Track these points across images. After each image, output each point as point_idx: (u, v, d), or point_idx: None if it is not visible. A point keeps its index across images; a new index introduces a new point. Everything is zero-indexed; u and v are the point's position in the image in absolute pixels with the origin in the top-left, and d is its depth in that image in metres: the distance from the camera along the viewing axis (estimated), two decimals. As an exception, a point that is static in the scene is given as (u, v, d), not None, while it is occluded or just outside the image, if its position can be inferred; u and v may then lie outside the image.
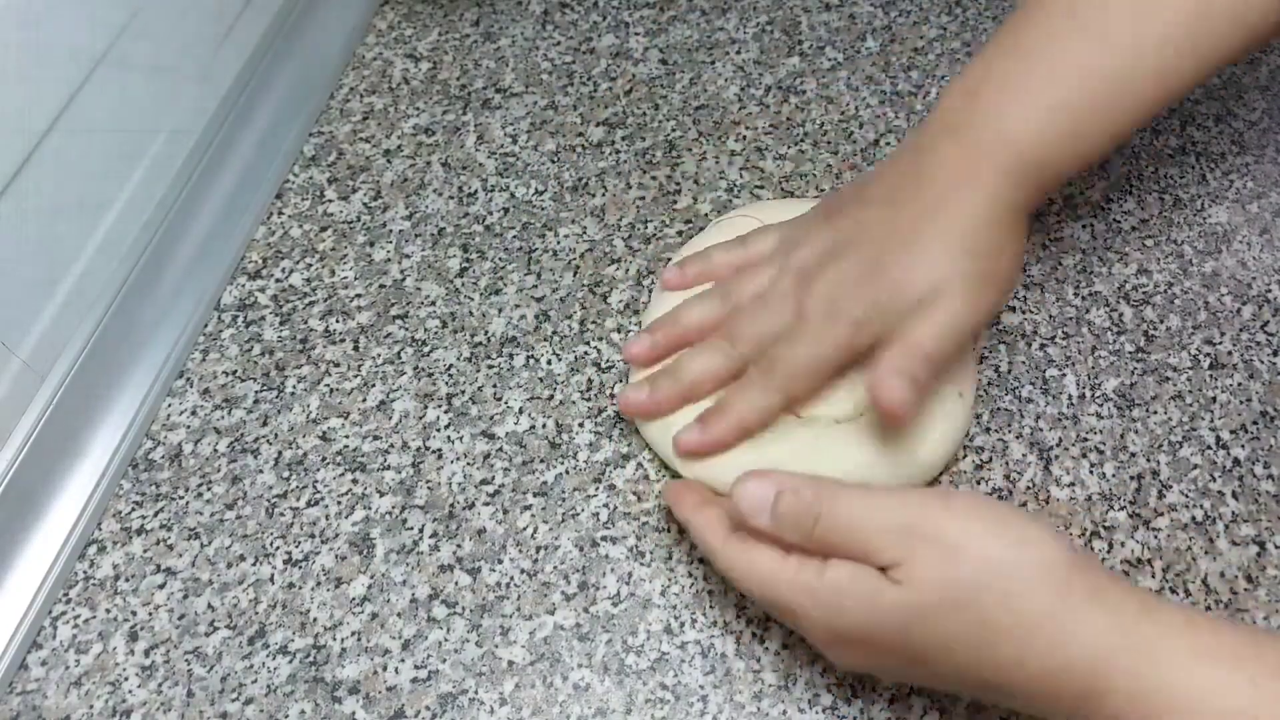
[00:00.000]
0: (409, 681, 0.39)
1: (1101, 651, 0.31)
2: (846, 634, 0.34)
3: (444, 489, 0.44)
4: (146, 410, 0.45)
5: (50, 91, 0.41)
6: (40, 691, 0.39)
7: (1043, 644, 0.31)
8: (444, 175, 0.54)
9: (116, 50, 0.44)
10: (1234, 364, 0.46)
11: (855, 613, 0.33)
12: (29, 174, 0.40)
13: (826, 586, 0.33)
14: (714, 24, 0.61)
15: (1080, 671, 0.31)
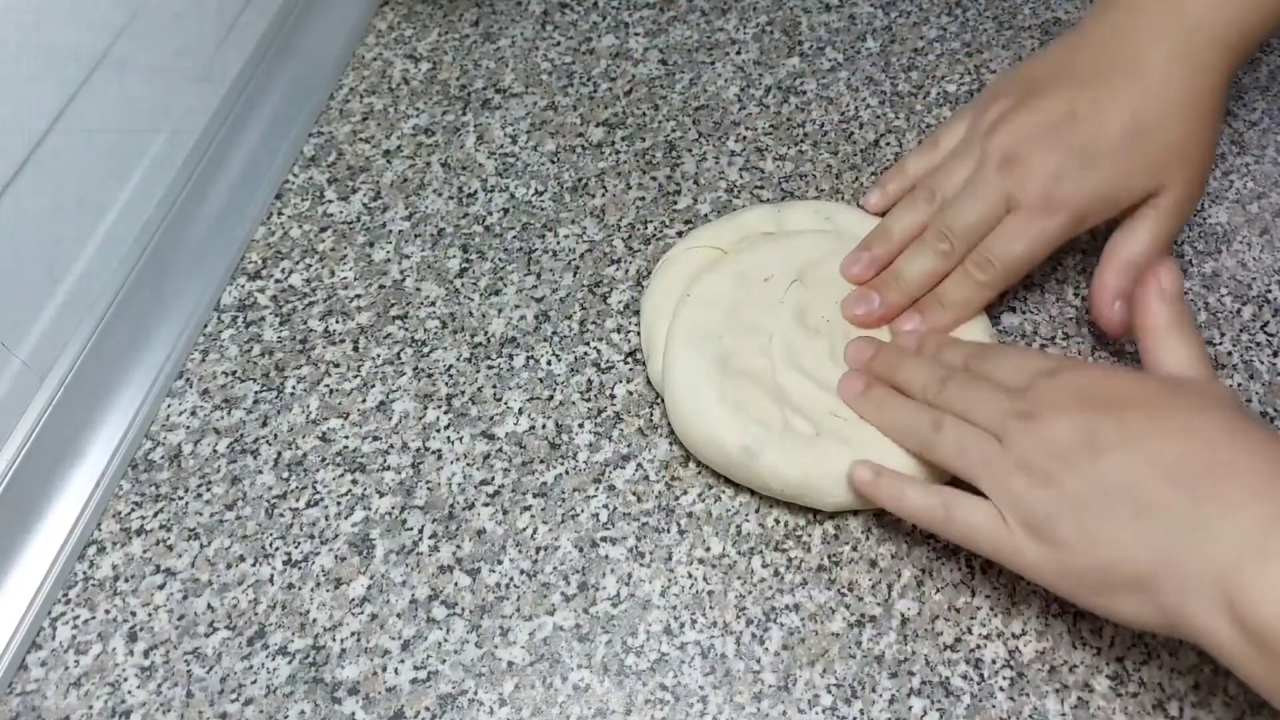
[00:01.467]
0: (409, 682, 0.39)
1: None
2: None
3: (444, 489, 0.44)
4: (146, 411, 0.45)
5: (50, 92, 0.41)
6: (40, 692, 0.39)
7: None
8: (444, 175, 0.54)
9: (116, 51, 0.44)
10: (1234, 364, 0.46)
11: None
12: (29, 174, 0.40)
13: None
14: (714, 24, 0.61)
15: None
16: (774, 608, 0.40)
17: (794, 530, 0.42)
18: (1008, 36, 0.60)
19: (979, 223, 0.42)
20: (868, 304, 0.44)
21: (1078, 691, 0.38)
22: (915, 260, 0.44)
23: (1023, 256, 0.42)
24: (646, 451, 0.44)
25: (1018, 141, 0.42)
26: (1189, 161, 0.41)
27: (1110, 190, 0.41)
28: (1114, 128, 0.40)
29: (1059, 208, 0.41)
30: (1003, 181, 0.42)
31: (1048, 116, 0.41)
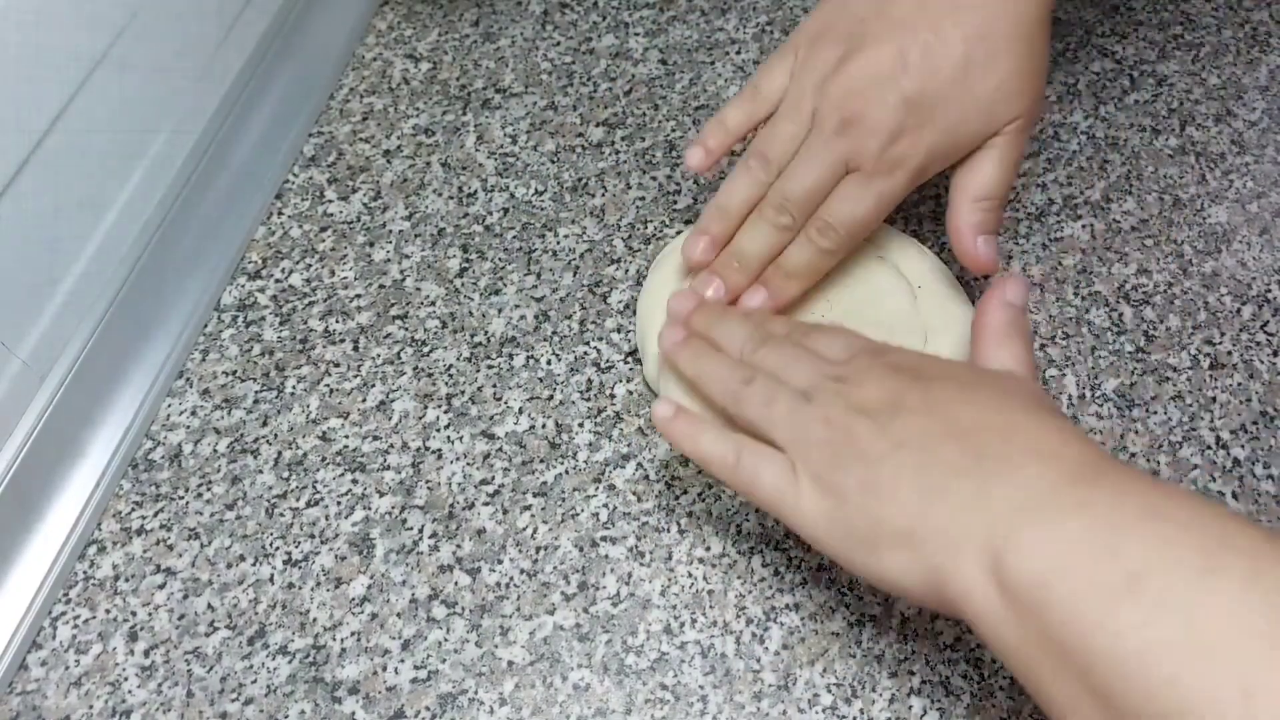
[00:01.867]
0: (409, 681, 0.39)
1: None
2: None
3: (444, 489, 0.44)
4: (146, 410, 0.45)
5: (50, 91, 0.41)
6: (40, 691, 0.39)
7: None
8: (444, 175, 0.54)
9: (116, 51, 0.44)
10: (1234, 364, 0.46)
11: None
12: (29, 174, 0.40)
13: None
14: (714, 24, 0.61)
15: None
16: (774, 607, 0.40)
17: (794, 530, 0.42)
18: (1008, 36, 0.60)
19: (817, 189, 0.41)
20: (714, 289, 0.42)
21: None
22: (754, 236, 0.42)
23: (865, 219, 0.41)
24: (646, 451, 0.44)
25: (851, 98, 0.40)
26: (1025, 92, 0.40)
27: (949, 140, 0.40)
28: (946, 73, 0.39)
29: (899, 166, 0.40)
30: (839, 144, 0.40)
31: (878, 68, 0.39)
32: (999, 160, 0.40)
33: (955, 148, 0.40)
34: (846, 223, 0.41)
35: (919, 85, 0.39)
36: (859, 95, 0.40)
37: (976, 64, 0.39)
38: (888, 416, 0.33)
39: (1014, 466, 0.31)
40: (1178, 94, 0.56)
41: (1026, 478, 0.30)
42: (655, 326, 0.45)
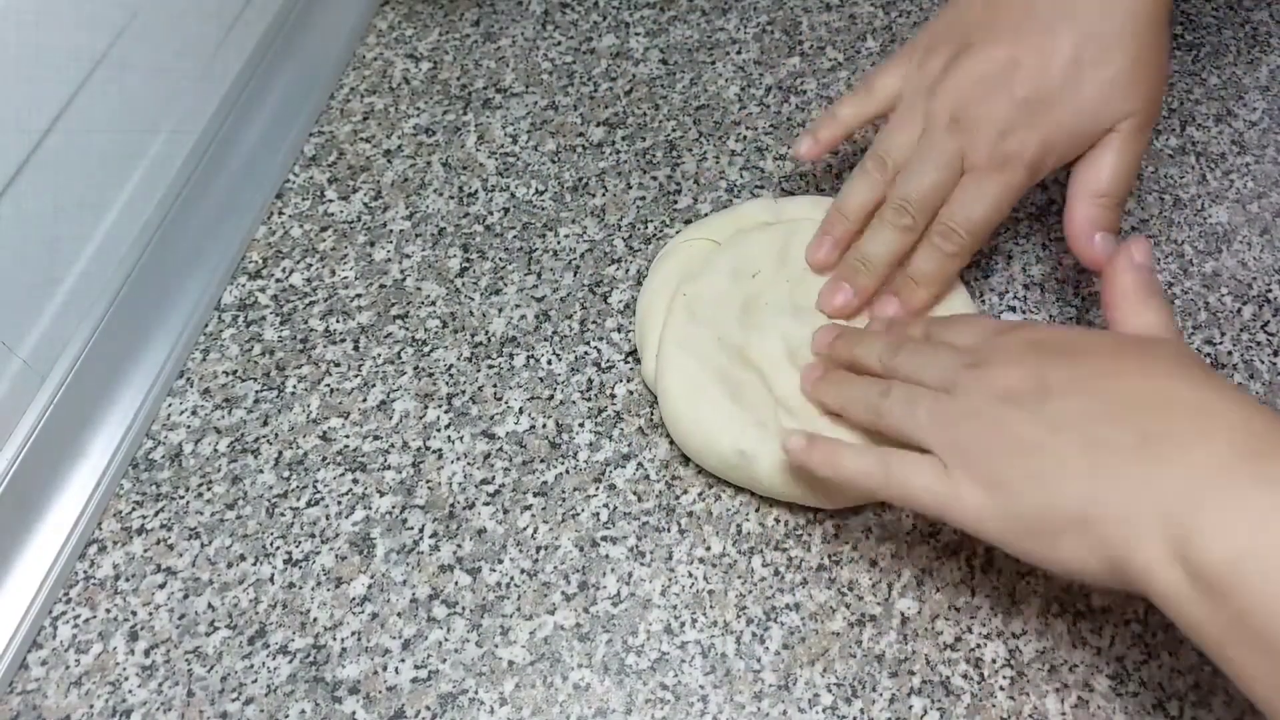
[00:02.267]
0: (409, 681, 0.39)
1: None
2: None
3: (444, 489, 0.44)
4: (146, 410, 0.45)
5: (50, 91, 0.41)
6: (40, 691, 0.39)
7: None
8: (444, 175, 0.54)
9: (116, 51, 0.44)
10: (1234, 364, 0.46)
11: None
12: (29, 174, 0.40)
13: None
14: (714, 24, 0.61)
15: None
16: (774, 607, 0.40)
17: (794, 529, 0.42)
18: (1008, 36, 0.60)
19: (935, 189, 0.41)
20: (843, 294, 0.43)
21: (1078, 691, 0.38)
22: (878, 239, 0.43)
23: (986, 218, 0.41)
24: (647, 451, 0.44)
25: (963, 98, 0.41)
26: (1139, 89, 0.40)
27: (1063, 135, 0.40)
28: (1056, 72, 0.39)
29: (1013, 163, 0.40)
30: (953, 142, 0.41)
31: (990, 67, 0.40)
32: (1116, 156, 0.40)
33: (1070, 144, 0.41)
34: (966, 224, 0.41)
35: (1030, 84, 0.40)
36: (968, 93, 0.40)
37: (1087, 62, 0.39)
38: (1037, 401, 0.33)
39: (1183, 445, 0.30)
40: (1178, 94, 0.56)
41: (1198, 456, 0.30)
42: (655, 325, 0.45)
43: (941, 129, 0.41)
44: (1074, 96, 0.40)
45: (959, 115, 0.41)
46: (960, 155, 0.41)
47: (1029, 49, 0.40)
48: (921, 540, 0.42)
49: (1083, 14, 0.40)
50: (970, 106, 0.40)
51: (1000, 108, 0.40)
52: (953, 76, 0.41)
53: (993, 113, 0.40)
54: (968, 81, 0.41)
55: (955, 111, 0.41)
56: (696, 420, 0.42)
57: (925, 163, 0.41)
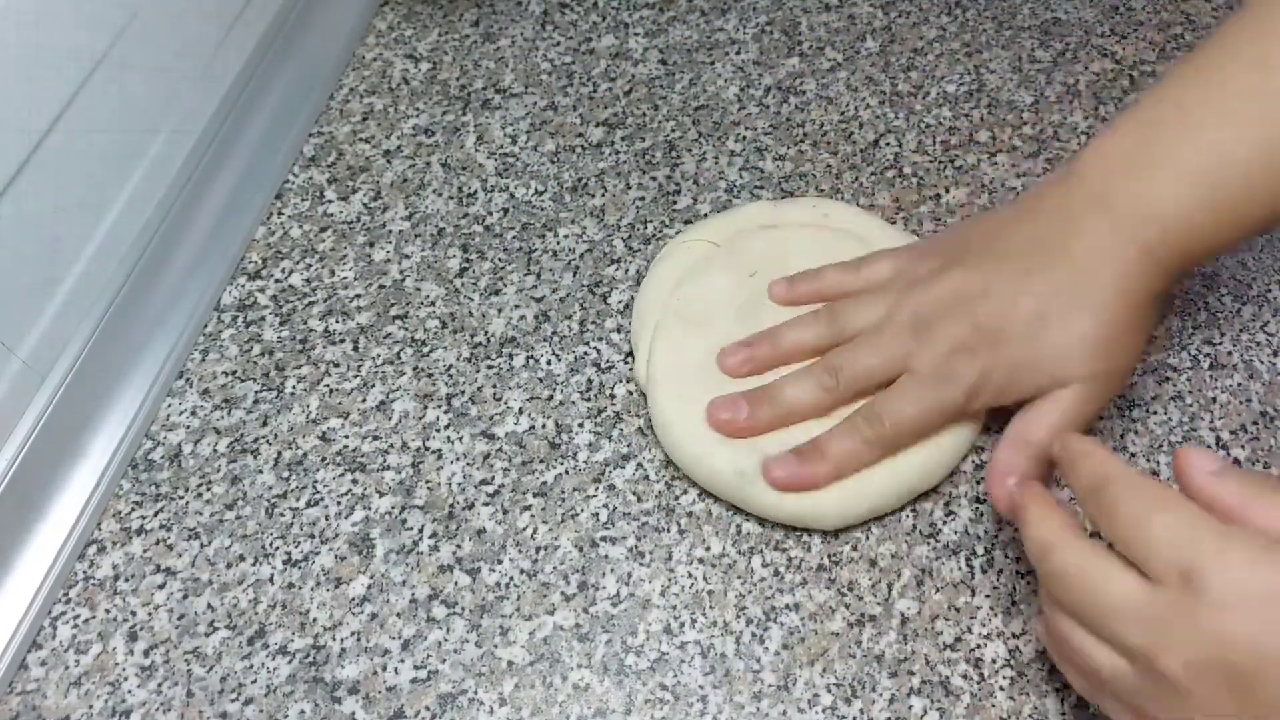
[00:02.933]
0: (409, 681, 0.39)
1: None
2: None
3: (444, 489, 0.44)
4: (146, 410, 0.45)
5: (50, 91, 0.41)
6: (40, 691, 0.39)
7: None
8: (444, 175, 0.54)
9: (116, 51, 0.44)
10: (1234, 364, 0.46)
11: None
12: (29, 174, 0.40)
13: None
14: (714, 24, 0.61)
15: None
16: (774, 607, 0.40)
17: (794, 530, 0.42)
18: (1007, 36, 0.60)
19: (869, 374, 0.41)
20: (734, 411, 0.42)
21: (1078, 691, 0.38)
22: (797, 387, 0.42)
23: (913, 420, 0.40)
24: (646, 451, 0.44)
25: (929, 304, 0.41)
26: (1096, 360, 0.39)
27: (1007, 376, 0.40)
28: (1022, 312, 0.39)
29: (953, 382, 0.40)
30: (905, 340, 0.41)
31: (964, 289, 0.41)
32: (1057, 412, 0.40)
33: (1012, 385, 0.40)
34: (894, 417, 0.40)
35: (994, 316, 0.40)
36: (937, 304, 0.41)
37: (1052, 316, 0.39)
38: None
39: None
40: (1178, 94, 0.56)
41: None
42: (648, 328, 0.45)
43: (899, 325, 0.41)
44: (1028, 343, 0.39)
45: (920, 320, 0.41)
46: (905, 359, 0.41)
47: (1003, 283, 0.40)
48: (921, 540, 0.42)
49: (1062, 268, 0.39)
50: (932, 317, 0.41)
51: (959, 328, 0.40)
52: (928, 285, 0.42)
53: (950, 330, 0.40)
54: (940, 293, 0.41)
55: (918, 315, 0.41)
56: (690, 441, 0.42)
57: (872, 347, 0.42)
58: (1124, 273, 0.39)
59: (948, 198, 0.52)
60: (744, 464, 0.41)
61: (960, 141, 0.55)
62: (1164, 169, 0.38)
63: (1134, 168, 0.39)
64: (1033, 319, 0.39)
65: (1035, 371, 0.40)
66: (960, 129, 0.55)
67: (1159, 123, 0.39)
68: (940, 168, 0.54)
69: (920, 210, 0.52)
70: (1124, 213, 0.39)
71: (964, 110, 0.56)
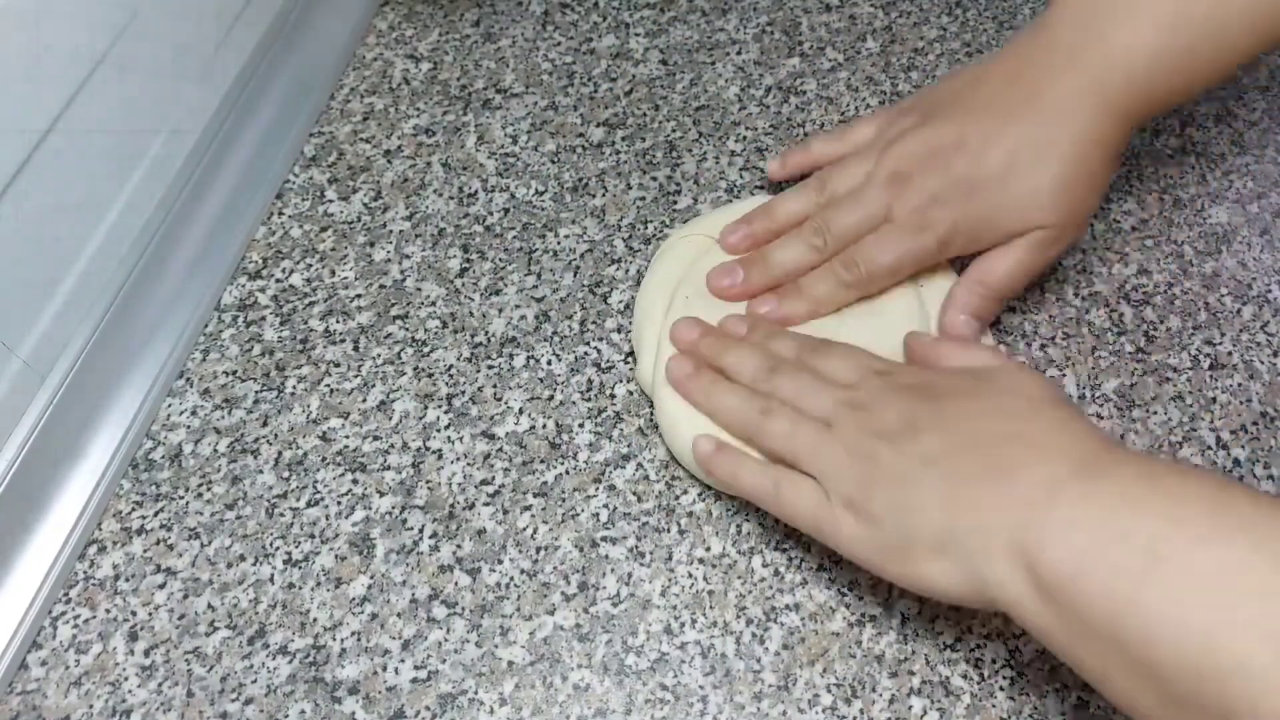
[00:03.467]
0: (409, 681, 0.39)
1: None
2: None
3: (444, 489, 0.44)
4: (146, 410, 0.45)
5: (50, 91, 0.41)
6: (40, 691, 0.39)
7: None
8: (444, 175, 0.54)
9: (116, 51, 0.44)
10: (1234, 364, 0.46)
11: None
12: (29, 174, 0.40)
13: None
14: (714, 25, 0.61)
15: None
16: (774, 607, 0.40)
17: (794, 530, 0.42)
18: (1007, 36, 0.60)
19: (855, 227, 0.44)
20: (731, 277, 0.45)
21: (1078, 691, 0.38)
22: (787, 248, 0.45)
23: (887, 266, 0.44)
24: (647, 451, 0.44)
25: (907, 160, 0.43)
26: (1059, 206, 0.42)
27: (977, 223, 0.42)
28: (993, 162, 0.42)
29: (927, 228, 0.43)
30: (885, 194, 0.43)
31: (939, 141, 0.43)
32: (1013, 260, 0.43)
33: (981, 232, 0.43)
34: (868, 263, 0.43)
35: (966, 167, 0.42)
36: (913, 158, 0.43)
37: (1020, 165, 0.41)
38: (906, 438, 0.36)
39: (1026, 467, 0.33)
40: (1178, 94, 0.56)
41: (1038, 476, 0.32)
42: (653, 326, 0.45)
43: (880, 181, 0.44)
44: (998, 191, 0.42)
45: (898, 174, 0.43)
46: (886, 209, 0.43)
47: (976, 135, 0.42)
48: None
49: (1031, 119, 0.41)
50: (910, 170, 0.43)
51: (934, 179, 0.43)
52: (906, 139, 0.44)
53: (926, 182, 0.43)
54: (916, 148, 0.43)
55: (897, 170, 0.43)
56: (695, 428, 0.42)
57: (855, 203, 0.44)
58: (1087, 123, 0.41)
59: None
60: None
61: (960, 141, 0.55)
62: (1129, 19, 0.40)
63: (1098, 19, 0.41)
64: (1002, 170, 0.42)
65: (1003, 218, 0.42)
66: (960, 129, 0.55)
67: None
68: (940, 168, 0.54)
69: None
70: (1090, 63, 0.41)
71: (964, 110, 0.56)
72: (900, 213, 0.43)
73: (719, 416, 0.41)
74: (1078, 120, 0.41)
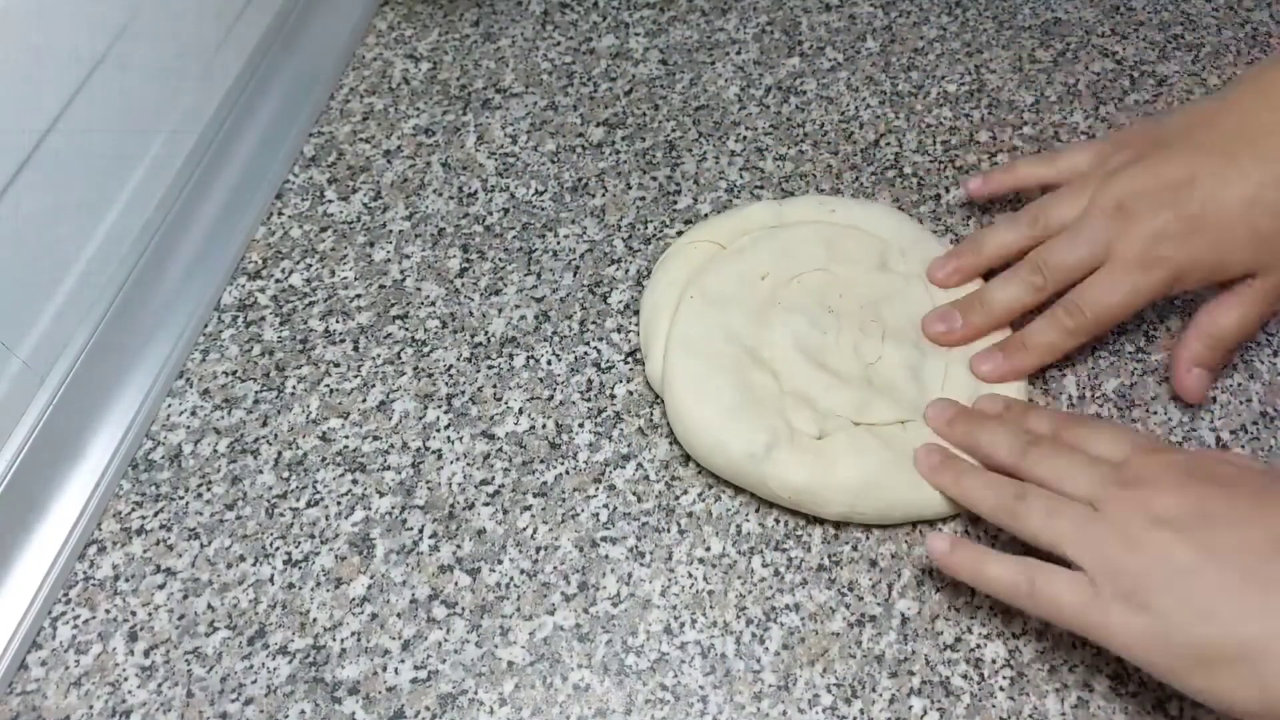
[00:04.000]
0: (409, 682, 0.39)
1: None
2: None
3: (444, 489, 0.44)
4: (146, 410, 0.45)
5: (50, 91, 0.41)
6: (40, 691, 0.39)
7: None
8: (444, 175, 0.54)
9: (116, 51, 0.44)
10: (1234, 364, 0.46)
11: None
12: (29, 174, 0.40)
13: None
14: (714, 24, 0.61)
15: None
16: (774, 607, 0.40)
17: (794, 530, 0.42)
18: (1008, 36, 0.60)
19: (1076, 265, 0.42)
20: (949, 323, 0.44)
21: (1078, 691, 0.38)
22: (1005, 288, 0.43)
23: (1114, 308, 0.42)
24: (646, 451, 0.44)
25: (1132, 194, 0.41)
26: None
27: (1210, 260, 0.40)
28: (1230, 200, 0.40)
29: (1156, 266, 0.41)
30: (1109, 229, 0.41)
31: (1167, 177, 0.41)
32: (1245, 304, 0.41)
33: (1217, 268, 0.41)
34: (1094, 307, 0.41)
35: (1199, 201, 0.40)
36: (1140, 191, 0.41)
37: (1265, 203, 0.40)
38: (1198, 527, 0.33)
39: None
40: (1178, 94, 0.56)
41: None
42: (662, 326, 0.45)
43: (1103, 213, 0.42)
44: (1240, 227, 0.40)
45: (1124, 207, 0.41)
46: (1110, 245, 0.41)
47: (1209, 170, 0.40)
48: (921, 541, 0.42)
49: (1271, 157, 0.40)
50: (1137, 202, 0.41)
51: (1164, 214, 0.40)
52: (1130, 171, 0.42)
53: (1155, 216, 0.40)
54: (1143, 180, 0.41)
55: (1122, 202, 0.41)
56: (704, 422, 0.42)
57: (1077, 238, 0.42)
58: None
59: (948, 198, 0.52)
60: (755, 447, 0.41)
61: (960, 141, 0.55)
62: None
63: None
64: (1244, 207, 0.39)
65: (1240, 255, 0.40)
66: (960, 129, 0.55)
67: None
68: (940, 168, 0.54)
69: (920, 210, 0.52)
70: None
71: (964, 110, 0.56)
72: (1125, 249, 0.41)
73: (970, 502, 0.39)
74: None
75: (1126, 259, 0.41)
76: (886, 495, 0.41)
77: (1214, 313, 0.41)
